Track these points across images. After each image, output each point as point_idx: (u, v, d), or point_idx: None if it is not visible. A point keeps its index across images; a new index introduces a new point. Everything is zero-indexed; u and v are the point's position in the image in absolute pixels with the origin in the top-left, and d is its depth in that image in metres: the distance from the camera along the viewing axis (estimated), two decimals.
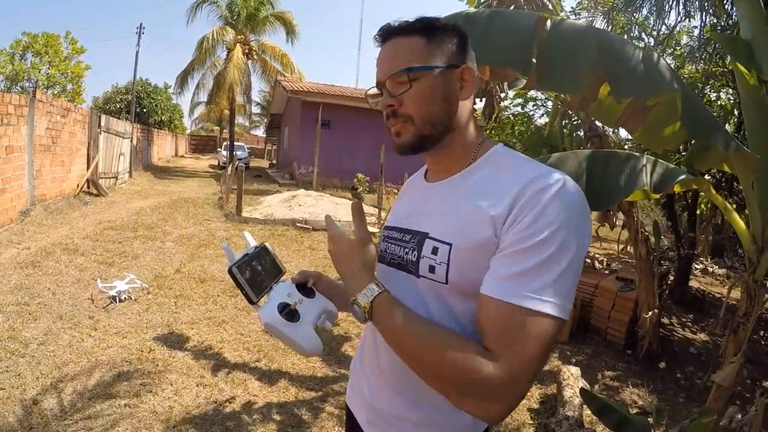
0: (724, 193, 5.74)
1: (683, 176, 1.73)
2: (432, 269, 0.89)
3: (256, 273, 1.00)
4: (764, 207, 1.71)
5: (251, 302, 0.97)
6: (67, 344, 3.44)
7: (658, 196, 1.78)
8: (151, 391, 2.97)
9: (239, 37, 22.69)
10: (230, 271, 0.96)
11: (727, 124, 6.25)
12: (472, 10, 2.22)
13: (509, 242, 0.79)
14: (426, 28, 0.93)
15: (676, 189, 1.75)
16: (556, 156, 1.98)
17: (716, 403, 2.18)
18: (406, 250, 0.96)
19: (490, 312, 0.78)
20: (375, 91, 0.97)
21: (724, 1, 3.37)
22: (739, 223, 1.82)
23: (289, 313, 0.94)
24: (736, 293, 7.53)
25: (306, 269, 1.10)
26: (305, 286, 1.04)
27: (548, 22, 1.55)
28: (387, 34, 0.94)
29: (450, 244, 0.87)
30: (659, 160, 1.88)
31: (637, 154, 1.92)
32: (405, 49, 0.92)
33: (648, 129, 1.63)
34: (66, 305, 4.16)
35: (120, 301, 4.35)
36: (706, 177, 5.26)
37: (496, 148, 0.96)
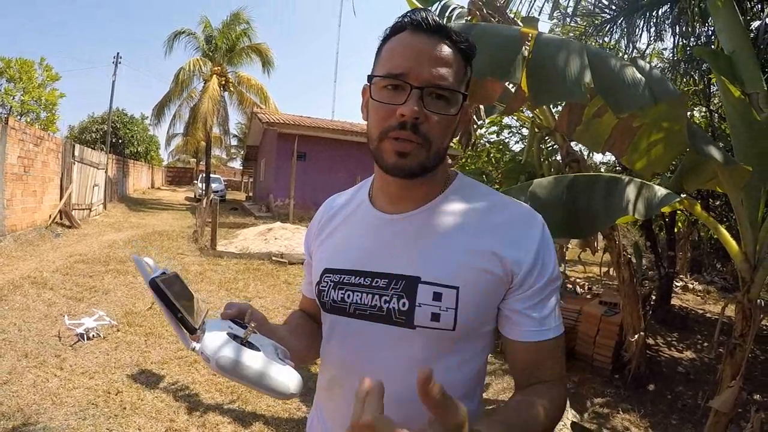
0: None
1: (673, 197, 1.67)
2: (436, 317, 0.80)
3: (178, 296, 0.73)
4: (755, 224, 1.66)
5: (191, 329, 0.72)
6: (31, 384, 3.27)
7: (644, 219, 1.72)
8: None
9: (216, 68, 22.68)
10: (153, 283, 0.70)
11: None
12: None
13: (537, 289, 0.82)
14: (470, 51, 0.84)
15: (665, 210, 1.69)
16: (538, 183, 1.91)
17: (715, 429, 2.10)
18: (385, 298, 0.83)
19: (541, 352, 0.83)
20: (394, 81, 0.79)
21: (696, 19, 3.42)
22: (731, 242, 1.77)
23: (246, 344, 0.73)
24: (716, 308, 7.60)
25: (235, 301, 0.84)
26: (242, 323, 0.79)
27: (531, 35, 1.49)
28: (439, 28, 0.80)
29: (456, 288, 0.80)
30: (644, 182, 1.82)
31: (623, 177, 1.87)
32: (454, 65, 0.80)
33: (636, 151, 1.57)
34: (32, 342, 3.99)
35: (88, 338, 4.15)
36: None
37: (459, 175, 0.92)
